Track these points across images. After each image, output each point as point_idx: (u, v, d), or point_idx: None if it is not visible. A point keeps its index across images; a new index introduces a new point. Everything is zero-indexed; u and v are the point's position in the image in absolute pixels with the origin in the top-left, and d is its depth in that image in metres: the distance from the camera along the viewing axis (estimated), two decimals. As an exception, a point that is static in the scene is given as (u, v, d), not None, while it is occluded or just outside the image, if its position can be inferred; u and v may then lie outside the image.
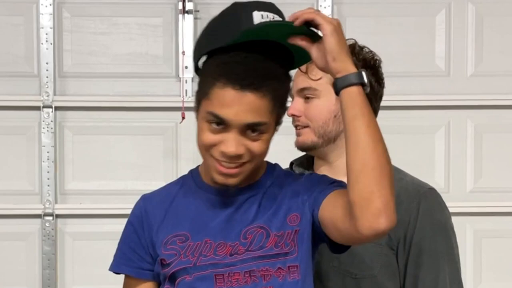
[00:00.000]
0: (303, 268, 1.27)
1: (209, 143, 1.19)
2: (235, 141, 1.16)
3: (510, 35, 2.66)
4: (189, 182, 1.35)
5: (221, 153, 1.18)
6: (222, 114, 1.13)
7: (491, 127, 2.67)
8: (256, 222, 1.27)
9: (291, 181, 1.33)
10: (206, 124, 1.18)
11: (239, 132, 1.16)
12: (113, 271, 1.36)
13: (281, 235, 1.26)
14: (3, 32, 2.61)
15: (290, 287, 1.25)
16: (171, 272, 1.28)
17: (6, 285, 2.60)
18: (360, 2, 2.65)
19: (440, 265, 1.44)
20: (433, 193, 1.45)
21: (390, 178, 1.16)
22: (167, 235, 1.29)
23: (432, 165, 2.64)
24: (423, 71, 2.63)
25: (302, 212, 1.28)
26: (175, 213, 1.32)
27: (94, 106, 2.60)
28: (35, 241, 2.56)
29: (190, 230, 1.28)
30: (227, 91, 1.13)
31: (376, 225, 1.11)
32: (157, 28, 2.61)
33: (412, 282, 1.42)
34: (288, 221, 1.27)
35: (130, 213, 1.34)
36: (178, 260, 1.27)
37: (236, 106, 1.14)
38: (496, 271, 2.64)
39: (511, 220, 2.67)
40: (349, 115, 1.16)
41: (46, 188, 2.55)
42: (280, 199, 1.30)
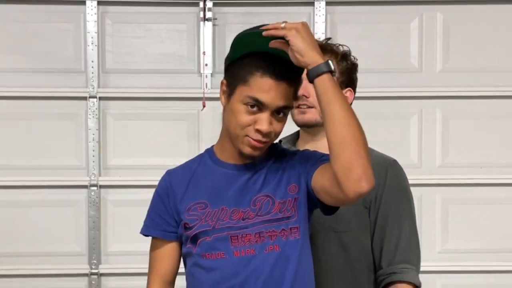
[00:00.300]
0: (302, 229, 1.42)
1: (245, 123, 1.33)
2: (268, 121, 1.30)
3: (471, 39, 2.91)
4: (206, 159, 1.48)
5: (256, 130, 1.32)
6: (261, 98, 1.28)
7: (456, 114, 2.93)
8: (263, 192, 1.41)
9: (289, 157, 1.47)
10: (243, 107, 1.32)
11: (271, 114, 1.31)
12: (143, 234, 1.51)
13: (284, 202, 1.40)
14: (56, 36, 2.88)
15: (292, 244, 1.40)
16: (193, 234, 1.41)
17: (60, 243, 2.87)
18: (348, 12, 2.91)
19: (402, 220, 1.63)
20: (396, 164, 1.67)
21: (366, 148, 1.29)
22: (189, 203, 1.43)
23: (408, 145, 2.91)
24: (400, 67, 2.90)
25: (299, 183, 1.42)
26: (195, 184, 1.45)
27: (131, 97, 2.89)
28: (82, 207, 2.86)
29: (208, 199, 1.42)
30: (265, 80, 1.27)
31: (359, 188, 1.24)
32: (182, 33, 2.89)
33: (380, 233, 1.62)
34: (289, 191, 1.42)
35: (157, 185, 1.49)
36: (199, 224, 1.41)
37: (273, 92, 1.28)
38: (459, 232, 2.90)
39: (472, 190, 2.92)
40: (324, 99, 1.28)
41: (92, 163, 2.84)
42: (281, 172, 1.44)
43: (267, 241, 1.39)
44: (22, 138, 2.85)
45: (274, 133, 1.36)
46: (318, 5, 2.83)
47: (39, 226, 2.84)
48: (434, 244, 2.93)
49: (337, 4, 2.88)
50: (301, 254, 1.41)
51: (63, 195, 2.87)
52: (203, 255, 1.40)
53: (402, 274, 1.59)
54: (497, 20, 2.89)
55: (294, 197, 1.41)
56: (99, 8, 2.81)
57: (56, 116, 2.87)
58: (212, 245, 1.40)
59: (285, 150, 1.51)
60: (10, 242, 2.83)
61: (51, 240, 2.83)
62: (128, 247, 2.80)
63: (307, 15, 2.90)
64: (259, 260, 1.38)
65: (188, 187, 1.45)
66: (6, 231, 2.84)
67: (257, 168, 1.43)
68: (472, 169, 2.90)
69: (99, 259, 2.83)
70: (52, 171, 2.85)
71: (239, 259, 1.38)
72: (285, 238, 1.40)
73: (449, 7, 2.88)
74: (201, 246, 1.40)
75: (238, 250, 1.38)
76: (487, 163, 2.90)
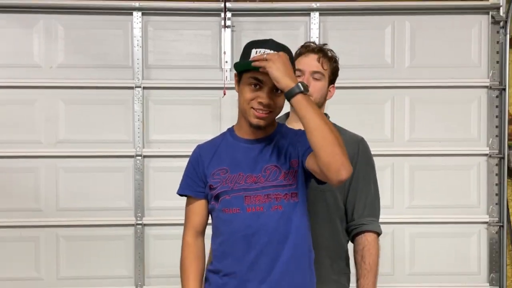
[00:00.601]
0: (300, 194, 1.55)
1: (250, 97, 1.49)
2: (267, 95, 1.48)
3: (431, 41, 3.20)
4: (227, 136, 1.62)
5: (259, 103, 1.48)
6: (259, 76, 1.47)
7: (420, 100, 3.22)
8: (271, 162, 1.54)
9: (292, 135, 1.59)
10: (248, 87, 1.49)
11: (270, 90, 1.48)
12: (179, 194, 1.64)
13: (287, 173, 1.54)
14: (110, 39, 3.16)
15: (291, 206, 1.54)
16: (216, 193, 1.56)
17: (112, 200, 3.17)
18: (337, 21, 3.19)
19: (369, 184, 1.84)
20: (364, 141, 1.85)
21: (340, 146, 1.38)
22: (213, 169, 1.57)
23: (383, 124, 3.20)
24: (377, 64, 3.19)
25: (298, 159, 1.55)
26: (219, 155, 1.59)
27: (168, 86, 3.16)
28: (130, 172, 3.16)
29: (229, 166, 1.56)
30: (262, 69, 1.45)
31: (339, 176, 1.39)
32: (208, 37, 3.18)
33: (353, 193, 1.81)
34: (291, 164, 1.55)
35: (190, 155, 1.64)
36: (221, 185, 1.55)
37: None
38: (423, 192, 3.22)
39: (433, 159, 3.20)
40: (301, 114, 1.40)
41: (137, 138, 3.13)
42: (286, 147, 1.56)
43: (273, 201, 1.51)
44: (85, 118, 3.16)
45: (275, 106, 1.50)
46: (313, 15, 3.14)
47: (96, 187, 3.16)
48: (403, 201, 3.24)
49: (328, 15, 3.17)
50: (300, 213, 1.54)
51: (115, 163, 3.17)
52: (223, 210, 1.54)
53: (369, 225, 1.80)
54: (451, 26, 3.20)
55: (295, 170, 1.54)
56: (143, 18, 3.12)
57: (110, 101, 3.17)
58: (230, 202, 1.53)
59: (288, 128, 1.63)
60: (75, 200, 3.16)
61: (106, 198, 3.15)
62: (165, 204, 3.11)
63: (304, 23, 3.18)
64: (267, 216, 1.51)
65: (213, 157, 1.59)
66: (72, 191, 3.16)
67: (266, 143, 1.56)
68: (432, 143, 3.20)
69: (143, 213, 3.14)
70: (107, 144, 3.15)
71: (251, 214, 1.51)
72: (287, 200, 1.53)
73: (415, 17, 3.18)
74: (222, 203, 1.54)
75: (250, 207, 1.51)
76: (444, 138, 3.21)
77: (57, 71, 3.18)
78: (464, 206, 3.25)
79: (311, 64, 1.77)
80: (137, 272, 3.18)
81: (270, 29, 3.18)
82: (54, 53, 3.17)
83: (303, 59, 1.80)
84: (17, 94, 3.16)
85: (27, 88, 3.15)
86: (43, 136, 3.19)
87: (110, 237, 3.19)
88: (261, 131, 1.54)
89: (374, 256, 1.79)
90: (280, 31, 3.16)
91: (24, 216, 3.15)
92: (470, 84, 3.23)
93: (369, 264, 1.78)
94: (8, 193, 3.16)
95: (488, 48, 3.21)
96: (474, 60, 3.27)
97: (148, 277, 3.21)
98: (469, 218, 3.24)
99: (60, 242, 3.21)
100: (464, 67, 3.24)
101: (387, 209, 3.05)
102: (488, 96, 3.24)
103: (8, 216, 3.15)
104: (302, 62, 1.79)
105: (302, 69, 1.78)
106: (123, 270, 3.21)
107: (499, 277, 3.26)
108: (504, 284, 3.24)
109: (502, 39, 3.20)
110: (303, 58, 1.80)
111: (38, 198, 3.19)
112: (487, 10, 3.20)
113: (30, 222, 3.16)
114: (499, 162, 3.24)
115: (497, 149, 3.23)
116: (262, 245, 1.51)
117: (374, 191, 1.85)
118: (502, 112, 3.21)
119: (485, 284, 3.26)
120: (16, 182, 3.16)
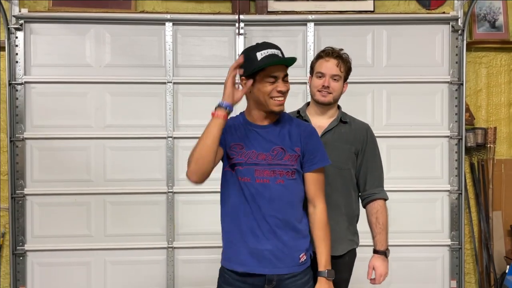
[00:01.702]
0: (297, 174, 1.75)
1: (270, 90, 1.70)
2: (282, 84, 1.71)
3: (404, 45, 3.55)
4: (241, 119, 1.82)
5: (278, 92, 1.69)
6: (275, 73, 1.70)
7: (395, 93, 3.59)
8: (278, 144, 1.73)
9: (296, 124, 1.77)
10: (266, 83, 1.68)
11: (282, 80, 1.71)
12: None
13: (291, 155, 1.73)
14: (147, 44, 3.55)
15: (290, 181, 1.74)
16: (232, 162, 1.74)
17: (149, 173, 3.56)
18: (329, 29, 3.54)
19: (377, 161, 2.08)
20: (370, 127, 2.10)
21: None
22: (231, 143, 1.77)
23: (365, 112, 3.56)
24: (360, 63, 3.48)
25: (300, 149, 1.74)
26: (238, 132, 1.77)
27: (193, 82, 3.55)
28: (163, 151, 3.54)
29: (244, 143, 1.75)
30: (275, 66, 1.68)
31: None
32: (225, 43, 3.55)
33: (365, 168, 2.01)
34: (294, 150, 1.75)
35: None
36: (236, 157, 1.74)
37: (281, 70, 1.70)
38: (397, 166, 3.58)
39: (405, 140, 3.54)
40: None
41: (169, 123, 3.50)
42: (290, 133, 1.74)
43: (277, 176, 1.70)
44: (127, 108, 3.54)
45: (287, 91, 1.74)
46: (309, 25, 3.50)
47: (136, 162, 3.56)
48: None
49: (321, 25, 3.53)
50: (296, 188, 1.74)
51: (151, 143, 3.55)
52: (238, 178, 1.73)
53: (379, 194, 2.05)
54: (419, 34, 3.57)
55: (297, 155, 1.75)
56: (174, 27, 3.50)
57: (147, 94, 3.54)
58: (243, 172, 1.72)
59: (291, 117, 1.81)
60: (119, 173, 3.58)
61: (144, 171, 3.55)
62: None
63: (302, 31, 3.54)
64: (271, 187, 1.70)
65: (234, 132, 1.78)
66: (116, 166, 3.58)
67: (274, 128, 1.76)
68: (405, 127, 3.57)
69: (173, 183, 3.53)
70: (144, 128, 3.53)
71: (259, 184, 1.69)
72: (288, 176, 1.72)
73: (391, 26, 3.55)
74: (236, 171, 1.73)
75: (259, 179, 1.70)
76: (414, 123, 3.58)
77: (104, 69, 3.57)
78: (430, 178, 3.62)
79: (331, 68, 1.96)
80: (169, 231, 3.61)
81: (274, 36, 3.57)
82: (102, 55, 3.56)
83: (324, 64, 1.97)
84: (73, 88, 3.58)
85: (80, 84, 3.57)
86: (93, 121, 3.58)
87: (147, 202, 3.58)
88: (269, 118, 1.74)
89: (386, 217, 2.04)
90: (282, 38, 3.56)
91: (78, 186, 3.59)
92: (434, 80, 3.58)
93: (382, 224, 2.02)
94: (65, 168, 3.61)
95: (449, 51, 3.57)
96: (438, 60, 3.61)
97: (177, 235, 3.65)
98: (434, 187, 3.61)
99: (107, 206, 3.64)
100: (430, 66, 3.60)
101: (368, 180, 3.54)
102: (449, 90, 3.59)
103: (65, 185, 3.61)
104: (323, 66, 1.97)
105: (324, 72, 1.97)
106: (157, 229, 3.62)
107: (458, 234, 3.69)
108: (462, 240, 3.69)
109: (460, 44, 3.59)
110: (324, 63, 1.97)
111: (89, 171, 3.61)
112: (448, 21, 3.57)
113: (83, 191, 3.60)
114: (458, 142, 3.62)
115: (456, 132, 3.60)
116: (266, 209, 1.71)
117: (380, 166, 2.08)
118: (460, 102, 3.59)
119: (447, 240, 3.68)
120: (72, 158, 3.58)
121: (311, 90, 2.01)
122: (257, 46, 1.71)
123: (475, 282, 3.85)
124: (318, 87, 1.97)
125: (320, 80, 1.97)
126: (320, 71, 1.96)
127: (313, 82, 2.02)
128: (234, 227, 1.75)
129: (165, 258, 3.65)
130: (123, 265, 3.66)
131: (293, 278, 1.74)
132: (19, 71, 3.57)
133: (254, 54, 1.68)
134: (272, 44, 1.73)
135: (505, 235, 3.77)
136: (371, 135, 2.07)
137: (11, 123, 3.56)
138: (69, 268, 3.65)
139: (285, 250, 1.71)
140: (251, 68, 1.68)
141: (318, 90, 1.98)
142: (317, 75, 1.95)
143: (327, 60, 1.96)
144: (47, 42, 3.57)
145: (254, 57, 1.68)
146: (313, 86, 2.02)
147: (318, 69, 1.96)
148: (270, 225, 1.70)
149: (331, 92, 1.97)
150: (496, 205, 3.77)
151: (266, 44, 1.71)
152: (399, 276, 3.66)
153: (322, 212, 1.74)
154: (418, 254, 3.66)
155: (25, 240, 3.64)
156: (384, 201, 2.06)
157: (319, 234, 1.72)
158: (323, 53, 2.00)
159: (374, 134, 2.09)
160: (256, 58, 1.66)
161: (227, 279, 1.76)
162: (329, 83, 1.94)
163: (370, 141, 2.04)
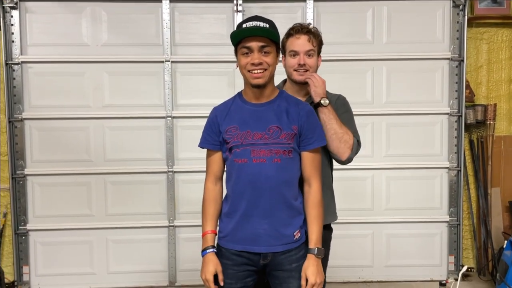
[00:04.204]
0: (294, 153, 1.72)
1: (245, 63, 1.65)
2: (257, 56, 1.63)
3: (404, 22, 3.55)
4: (237, 99, 1.76)
5: (251, 64, 1.63)
6: (246, 44, 1.64)
7: (395, 70, 3.59)
8: (274, 123, 1.68)
9: (293, 103, 1.72)
10: (241, 56, 1.66)
11: (257, 52, 1.63)
12: (200, 146, 1.81)
13: (287, 134, 1.69)
14: (144, 22, 3.52)
15: (287, 160, 1.71)
16: (229, 146, 1.71)
17: (148, 152, 3.59)
18: (328, 6, 3.52)
19: (350, 117, 2.03)
20: (342, 95, 2.06)
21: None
22: (226, 127, 1.71)
23: (365, 89, 3.59)
24: (360, 40, 3.57)
25: (298, 128, 1.70)
26: (231, 115, 1.72)
27: (191, 60, 3.53)
28: (162, 130, 3.55)
29: (239, 124, 1.69)
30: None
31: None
32: (223, 20, 3.53)
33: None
34: (291, 128, 1.69)
35: (208, 116, 1.82)
36: (233, 140, 1.69)
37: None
38: (396, 143, 3.58)
39: (405, 117, 3.59)
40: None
41: (168, 103, 3.52)
42: (287, 112, 1.69)
43: (274, 156, 1.67)
44: (125, 87, 3.55)
45: (267, 64, 1.64)
46: (309, 1, 3.49)
47: (135, 142, 3.58)
48: (381, 152, 3.64)
49: (320, 0, 3.51)
50: (293, 167, 1.71)
51: (150, 123, 3.57)
52: (235, 160, 1.70)
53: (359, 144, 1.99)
54: (420, 10, 3.56)
55: (294, 133, 1.70)
56: (171, 4, 3.48)
57: (145, 73, 3.55)
58: (240, 154, 1.69)
59: (289, 96, 1.77)
60: (118, 152, 3.60)
61: (143, 150, 3.58)
62: (190, 155, 3.55)
63: (301, 8, 3.51)
64: (268, 166, 1.68)
65: (226, 117, 1.73)
66: (116, 145, 3.59)
67: (270, 106, 1.71)
68: (405, 104, 3.61)
69: (173, 162, 3.57)
70: (143, 107, 3.52)
71: (256, 164, 1.67)
72: (284, 155, 1.69)
73: (391, 2, 3.53)
74: (233, 154, 1.70)
75: (256, 159, 1.67)
76: (414, 101, 3.61)
77: (101, 48, 3.56)
78: (429, 155, 3.66)
79: (304, 45, 1.92)
80: (169, 209, 3.68)
81: (273, 12, 3.54)
82: (99, 34, 3.56)
83: (296, 41, 1.93)
84: (70, 67, 3.59)
85: (78, 63, 3.58)
86: (91, 101, 3.60)
87: (147, 181, 3.63)
88: (264, 96, 1.69)
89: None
90: (281, 15, 3.53)
91: (79, 166, 3.63)
92: (435, 57, 3.59)
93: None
94: (65, 148, 3.64)
95: (450, 27, 3.58)
96: (438, 37, 3.61)
97: (178, 213, 3.71)
98: (434, 164, 3.66)
99: (108, 186, 3.69)
100: (430, 43, 3.59)
101: (368, 158, 3.63)
102: (450, 66, 3.60)
103: (66, 165, 3.65)
104: (295, 43, 1.93)
105: (297, 50, 1.93)
106: (158, 207, 3.68)
107: (457, 211, 3.75)
108: (461, 216, 3.75)
109: (461, 20, 3.58)
110: (295, 40, 1.93)
111: (89, 151, 3.65)
112: (449, -4, 3.54)
113: (83, 170, 3.65)
114: (458, 120, 3.65)
115: (456, 109, 3.63)
116: (263, 189, 1.69)
117: (354, 123, 2.05)
118: (461, 79, 3.60)
119: (446, 216, 3.76)
120: (72, 139, 3.62)
121: (286, 71, 1.98)
122: (247, 19, 1.70)
123: (473, 258, 3.91)
124: (294, 66, 1.95)
125: (295, 58, 1.93)
126: (293, 49, 1.93)
127: (288, 62, 1.98)
128: (230, 207, 1.76)
129: (166, 236, 3.70)
130: (125, 243, 3.71)
131: (288, 253, 1.76)
132: (15, 50, 3.57)
133: (240, 26, 1.67)
134: (263, 18, 1.70)
135: (503, 211, 3.80)
136: (342, 102, 2.05)
137: (9, 104, 3.58)
138: (71, 247, 3.70)
139: (281, 228, 1.72)
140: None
141: (294, 69, 1.95)
142: (291, 54, 1.92)
143: (298, 37, 1.92)
144: (43, 21, 3.56)
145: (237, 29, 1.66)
146: (288, 66, 1.98)
147: (291, 48, 1.93)
148: (266, 204, 1.70)
149: (308, 69, 1.95)
150: (495, 181, 3.80)
151: (256, 17, 1.69)
152: (397, 252, 3.73)
153: (317, 192, 1.74)
154: (417, 230, 3.72)
155: (27, 219, 3.68)
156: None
157: (312, 213, 1.72)
158: (292, 30, 1.96)
159: (349, 102, 2.10)
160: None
161: (224, 253, 1.80)
162: (304, 61, 1.92)
163: (339, 107, 2.02)
